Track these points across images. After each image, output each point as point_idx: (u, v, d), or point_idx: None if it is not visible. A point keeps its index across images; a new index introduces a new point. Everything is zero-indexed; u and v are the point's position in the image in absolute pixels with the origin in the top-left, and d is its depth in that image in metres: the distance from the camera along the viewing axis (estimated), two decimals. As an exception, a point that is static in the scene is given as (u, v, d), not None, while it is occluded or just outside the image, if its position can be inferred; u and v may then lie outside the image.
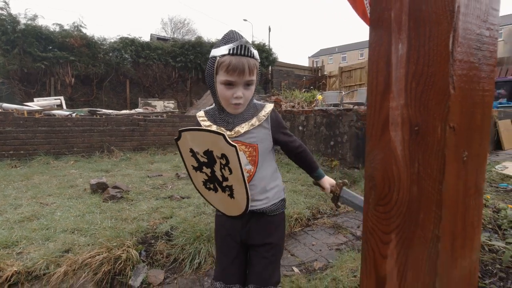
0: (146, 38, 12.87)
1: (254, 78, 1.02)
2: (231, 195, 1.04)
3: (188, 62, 12.04)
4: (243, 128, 1.05)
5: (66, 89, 10.12)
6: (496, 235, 1.93)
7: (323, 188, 1.21)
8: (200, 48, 12.18)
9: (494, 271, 1.62)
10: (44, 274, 1.78)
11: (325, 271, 1.83)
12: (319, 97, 5.38)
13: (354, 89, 12.50)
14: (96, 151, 5.43)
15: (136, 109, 8.52)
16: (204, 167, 1.06)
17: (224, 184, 1.03)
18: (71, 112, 6.03)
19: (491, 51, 0.43)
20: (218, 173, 1.02)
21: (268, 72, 14.72)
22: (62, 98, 8.89)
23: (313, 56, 49.15)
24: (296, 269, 1.91)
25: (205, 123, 1.09)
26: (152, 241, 2.21)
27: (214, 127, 1.07)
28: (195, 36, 16.36)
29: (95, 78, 10.58)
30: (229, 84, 0.98)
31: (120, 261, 1.93)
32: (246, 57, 0.97)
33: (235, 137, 1.05)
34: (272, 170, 1.13)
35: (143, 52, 11.34)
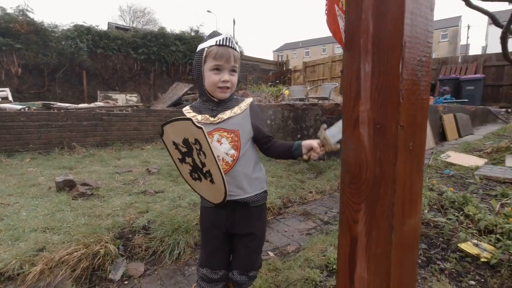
0: (103, 26, 12.14)
1: (238, 66, 1.15)
2: (212, 181, 1.09)
3: (151, 54, 11.63)
4: (225, 114, 1.13)
5: (11, 80, 9.25)
6: (440, 213, 2.28)
7: (311, 151, 1.12)
8: (163, 39, 11.82)
9: (438, 243, 1.93)
10: (18, 274, 1.75)
11: (298, 253, 2.02)
12: (285, 91, 5.59)
13: (318, 84, 13.03)
14: (55, 148, 5.13)
15: (96, 103, 8.09)
16: (186, 157, 1.12)
17: (204, 170, 1.08)
18: (24, 106, 5.58)
19: (427, 70, 0.60)
20: (197, 160, 1.08)
21: (233, 66, 14.68)
22: (7, 90, 8.11)
23: (278, 50, 49.84)
24: (271, 253, 2.08)
25: (190, 115, 1.15)
26: (130, 236, 2.24)
27: (199, 117, 1.14)
28: (158, 26, 15.77)
29: (47, 68, 9.79)
30: (216, 69, 1.09)
31: (98, 257, 1.94)
32: (231, 48, 1.10)
33: (218, 123, 1.12)
34: (254, 159, 1.21)
35: (101, 41, 10.72)
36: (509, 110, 7.64)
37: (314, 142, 1.11)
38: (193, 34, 13.32)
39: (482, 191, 2.83)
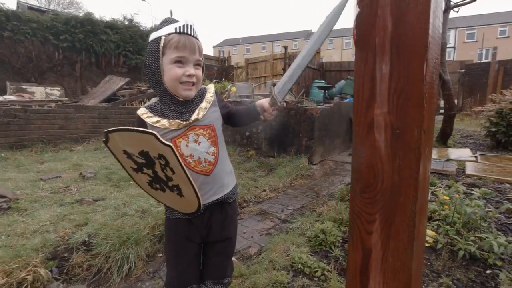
0: (11, 5, 10.29)
1: (202, 61, 1.02)
2: (180, 194, 0.99)
3: (76, 42, 10.29)
4: (199, 114, 1.00)
5: None
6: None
7: (264, 112, 1.05)
8: (91, 27, 10.56)
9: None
10: None
11: (261, 255, 1.97)
12: (232, 88, 5.51)
13: (261, 81, 13.24)
14: (-49, 152, 4.15)
15: (6, 96, 6.83)
16: (144, 168, 0.98)
17: (170, 184, 0.97)
18: None
19: (437, 73, 0.58)
20: (160, 173, 0.96)
21: (173, 59, 13.98)
22: None
23: (218, 46, 49.17)
24: (233, 258, 1.99)
25: (152, 119, 0.99)
26: (66, 255, 1.91)
27: (164, 122, 0.98)
28: (82, 12, 14.04)
29: None
30: (179, 62, 0.94)
31: (25, 285, 1.61)
32: (194, 38, 0.96)
33: (193, 124, 1.00)
34: (226, 150, 1.13)
35: (9, 23, 9.04)
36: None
37: (265, 102, 1.03)
38: (127, 23, 12.21)
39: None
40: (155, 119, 0.99)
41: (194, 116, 1.00)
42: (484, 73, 7.91)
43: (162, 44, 0.94)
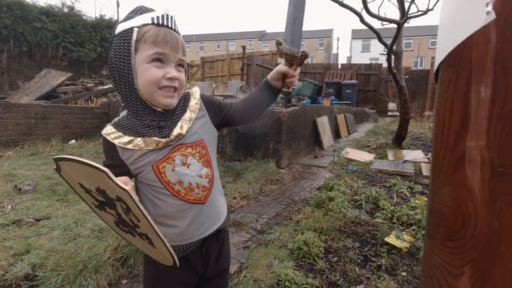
0: None
1: (185, 61, 0.81)
2: (151, 243, 0.80)
3: (3, 28, 8.89)
4: (182, 128, 0.80)
5: None
6: (360, 209, 2.50)
7: (282, 78, 0.89)
8: (22, 12, 9.22)
9: (368, 240, 2.09)
10: None
11: (242, 273, 1.82)
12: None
13: (218, 80, 12.95)
14: None
15: None
16: (106, 207, 0.77)
17: (138, 231, 0.78)
18: None
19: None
20: (125, 217, 0.76)
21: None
22: None
23: (169, 41, 47.03)
24: (212, 279, 1.80)
25: (122, 140, 0.78)
26: (2, 295, 1.54)
27: (139, 141, 0.77)
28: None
29: None
30: (158, 60, 0.74)
31: None
32: (174, 32, 0.76)
33: (177, 141, 0.80)
34: (217, 165, 0.93)
35: None
36: (373, 111, 9.56)
37: (280, 67, 0.87)
38: (66, 10, 10.94)
39: (380, 183, 3.32)
40: (126, 138, 0.78)
41: (176, 131, 0.80)
42: (425, 79, 8.79)
43: (134, 37, 0.72)
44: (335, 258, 1.91)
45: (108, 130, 0.80)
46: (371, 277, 1.74)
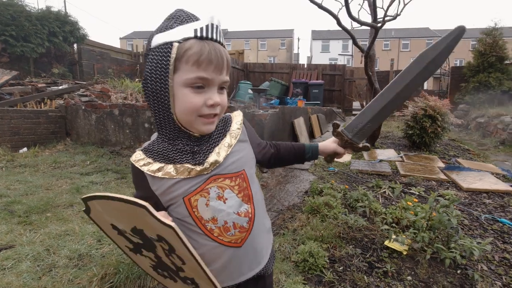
0: None
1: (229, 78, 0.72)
2: None
3: None
4: (220, 154, 0.71)
5: None
6: (353, 213, 2.52)
7: (335, 154, 0.94)
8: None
9: (368, 245, 2.10)
10: None
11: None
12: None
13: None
14: None
15: None
16: (143, 250, 0.67)
17: (182, 275, 0.68)
18: None
19: None
20: (166, 260, 0.66)
21: (74, 51, 11.88)
22: None
23: (126, 38, 44.43)
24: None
25: (151, 167, 0.69)
26: None
27: (170, 169, 0.68)
28: None
29: None
30: (199, 87, 0.65)
31: None
32: (219, 45, 0.66)
33: (213, 170, 0.71)
34: (263, 199, 0.84)
35: None
36: (340, 110, 9.95)
37: (338, 149, 0.92)
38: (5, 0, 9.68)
39: (362, 184, 3.40)
40: (156, 165, 0.69)
41: (212, 158, 0.70)
42: (385, 79, 9.33)
43: (174, 55, 0.62)
44: (341, 268, 1.88)
45: (137, 156, 0.71)
46: (379, 284, 1.73)
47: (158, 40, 0.64)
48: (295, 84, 9.77)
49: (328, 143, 0.94)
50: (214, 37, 0.64)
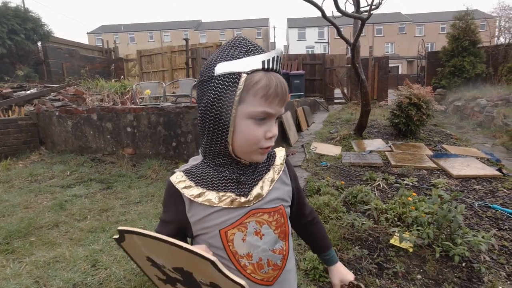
0: None
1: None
2: None
3: None
4: (263, 189, 0.69)
5: None
6: (352, 211, 2.50)
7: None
8: None
9: (374, 245, 2.08)
10: None
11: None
12: (147, 92, 4.64)
13: (158, 76, 12.02)
14: None
15: None
16: (178, 284, 0.62)
17: None
18: None
19: None
20: None
21: (38, 49, 11.11)
22: None
23: (94, 32, 42.17)
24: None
25: (191, 192, 0.65)
26: None
27: (212, 197, 0.65)
28: None
29: None
30: (262, 119, 0.63)
31: None
32: (280, 76, 0.66)
33: (254, 204, 0.68)
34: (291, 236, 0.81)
35: None
36: (322, 99, 9.99)
37: (337, 281, 0.87)
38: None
39: (356, 178, 3.40)
40: (197, 190, 0.66)
41: (256, 190, 0.68)
42: (364, 67, 9.41)
43: (241, 86, 0.60)
44: (351, 272, 1.85)
45: (178, 178, 0.67)
46: (391, 286, 1.72)
47: (222, 68, 0.61)
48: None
49: (339, 275, 0.88)
50: (277, 68, 0.64)
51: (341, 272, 0.88)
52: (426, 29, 37.43)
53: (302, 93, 8.99)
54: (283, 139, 4.80)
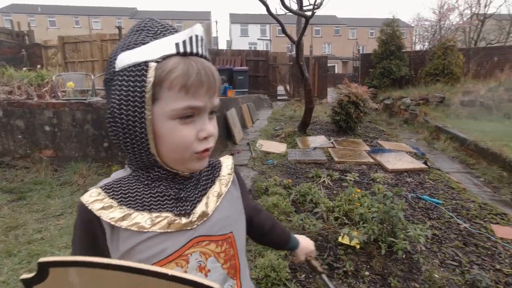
0: None
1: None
2: None
3: None
4: (209, 206, 0.55)
5: None
6: (301, 211, 2.47)
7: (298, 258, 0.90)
8: None
9: (324, 245, 2.07)
10: None
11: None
12: (70, 84, 3.97)
13: (87, 66, 10.71)
14: None
15: None
16: None
17: None
18: None
19: None
20: None
21: None
22: None
23: (2, 12, 35.86)
24: None
25: (112, 214, 0.48)
26: None
27: (141, 218, 0.49)
28: None
29: None
30: (188, 116, 0.49)
31: None
32: (205, 60, 0.51)
33: (198, 226, 0.53)
34: (247, 267, 0.67)
35: None
36: (266, 96, 10.07)
37: (303, 257, 0.86)
38: None
39: (302, 175, 3.43)
40: (120, 212, 0.49)
41: (200, 208, 0.54)
42: (306, 65, 9.73)
43: (151, 79, 0.45)
44: (303, 275, 1.80)
45: (93, 196, 0.49)
46: (342, 286, 1.71)
47: (125, 59, 0.46)
48: (220, 71, 9.23)
49: (303, 250, 0.86)
50: (200, 51, 0.48)
51: (305, 248, 0.86)
52: (358, 32, 40.81)
53: (246, 90, 8.92)
54: (228, 136, 4.64)
